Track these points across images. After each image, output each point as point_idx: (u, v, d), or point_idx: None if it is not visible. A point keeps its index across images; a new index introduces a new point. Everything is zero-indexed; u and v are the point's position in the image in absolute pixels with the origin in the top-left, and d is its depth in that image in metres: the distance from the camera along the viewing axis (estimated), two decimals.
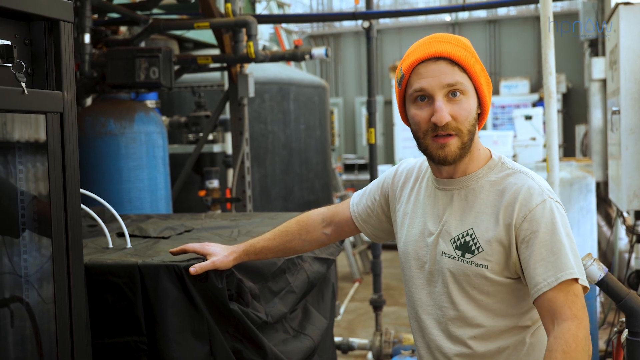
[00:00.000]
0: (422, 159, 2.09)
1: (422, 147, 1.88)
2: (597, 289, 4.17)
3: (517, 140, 10.18)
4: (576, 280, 1.76)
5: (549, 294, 1.75)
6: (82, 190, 2.04)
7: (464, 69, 1.82)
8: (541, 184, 1.86)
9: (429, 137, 1.84)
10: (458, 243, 1.87)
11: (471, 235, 1.85)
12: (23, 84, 1.65)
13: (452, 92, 1.81)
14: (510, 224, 1.81)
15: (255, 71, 6.21)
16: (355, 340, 6.01)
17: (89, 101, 5.79)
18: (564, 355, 1.69)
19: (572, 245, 1.80)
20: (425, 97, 1.83)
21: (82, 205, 2.21)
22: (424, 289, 1.97)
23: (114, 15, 5.44)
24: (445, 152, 1.83)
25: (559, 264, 1.75)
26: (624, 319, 2.62)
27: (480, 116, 1.90)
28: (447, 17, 16.81)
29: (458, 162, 1.88)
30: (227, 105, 6.08)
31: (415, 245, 1.98)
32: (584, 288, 1.80)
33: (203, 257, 2.17)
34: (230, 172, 6.34)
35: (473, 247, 1.85)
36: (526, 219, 1.79)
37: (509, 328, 1.88)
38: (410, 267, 2.00)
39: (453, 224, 1.90)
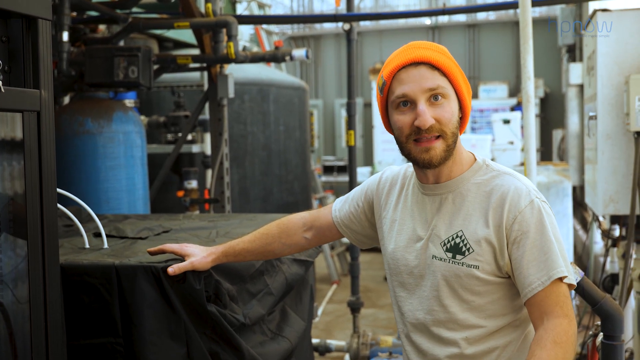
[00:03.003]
0: (405, 166, 2.10)
1: (405, 152, 1.89)
2: (573, 292, 4.20)
3: (495, 144, 10.26)
4: (564, 278, 1.79)
5: (541, 293, 1.78)
6: (58, 190, 2.02)
7: (444, 74, 1.84)
8: (527, 184, 1.88)
9: (412, 142, 1.85)
10: (448, 245, 1.89)
11: (461, 237, 1.87)
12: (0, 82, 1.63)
13: (434, 96, 1.83)
14: (501, 226, 1.83)
15: (235, 72, 6.19)
16: (332, 342, 6.01)
17: (66, 100, 5.74)
18: (554, 345, 1.72)
19: (560, 244, 1.83)
20: (408, 103, 1.84)
21: (59, 205, 2.19)
22: (413, 294, 1.98)
23: (93, 13, 5.39)
24: (430, 155, 1.84)
25: (550, 263, 1.78)
26: (599, 323, 2.65)
27: (462, 120, 1.92)
28: (427, 21, 16.90)
29: (442, 166, 1.90)
30: (207, 106, 6.06)
31: (405, 251, 1.99)
32: (570, 285, 1.83)
33: (181, 257, 2.16)
34: (209, 172, 6.31)
35: (464, 249, 1.86)
36: (516, 220, 1.81)
37: (499, 328, 1.89)
38: (400, 273, 2.01)
39: (442, 228, 1.91)
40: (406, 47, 1.89)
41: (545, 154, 14.03)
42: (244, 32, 9.11)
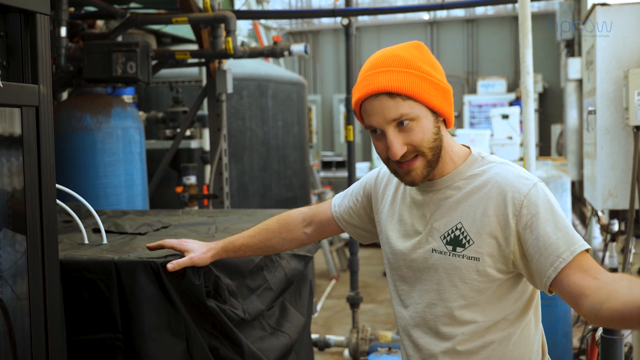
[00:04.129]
0: None
1: (391, 170, 1.90)
2: None
3: (493, 139, 10.26)
4: (587, 251, 1.73)
5: (568, 270, 1.70)
6: (57, 186, 2.01)
7: (407, 96, 1.79)
8: (524, 170, 1.87)
9: (393, 163, 1.86)
10: (448, 238, 1.88)
11: (460, 229, 1.86)
12: None
13: (400, 122, 1.80)
14: (505, 214, 1.80)
15: (233, 67, 6.19)
16: (332, 338, 6.02)
17: (65, 95, 5.73)
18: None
19: (569, 223, 1.79)
20: (378, 130, 1.83)
21: (58, 201, 2.19)
22: (413, 288, 1.97)
23: (91, 8, 5.38)
24: (412, 177, 1.84)
25: (569, 238, 1.73)
26: None
27: (446, 122, 1.90)
28: (425, 16, 16.88)
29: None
30: (205, 101, 6.05)
31: (404, 245, 1.98)
32: None
33: (180, 253, 2.15)
34: (208, 168, 6.31)
35: (464, 241, 1.85)
36: (523, 205, 1.78)
37: (496, 323, 1.88)
38: (399, 267, 2.00)
39: (441, 221, 1.90)
40: (366, 71, 1.84)
41: (543, 149, 14.02)
42: (242, 27, 9.10)
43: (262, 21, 11.01)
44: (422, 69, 1.81)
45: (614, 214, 4.83)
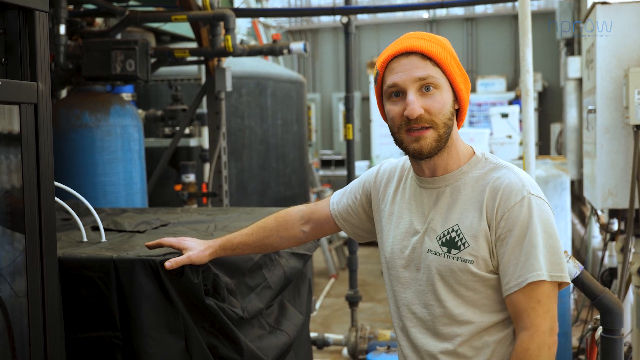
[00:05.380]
0: (404, 158, 2.09)
1: (398, 142, 1.89)
2: (571, 286, 4.20)
3: (493, 138, 10.26)
4: (542, 282, 1.77)
5: (514, 296, 1.79)
6: (56, 183, 2.01)
7: (437, 63, 1.83)
8: (524, 179, 1.85)
9: (404, 131, 1.84)
10: (444, 239, 1.87)
11: (457, 231, 1.85)
12: None
13: (425, 87, 1.81)
14: (492, 220, 1.82)
15: (232, 65, 6.18)
16: (330, 336, 6.02)
17: (64, 93, 5.72)
18: None
19: (551, 243, 1.79)
20: (400, 93, 1.84)
21: (57, 199, 2.18)
22: (409, 288, 1.97)
23: (90, 6, 5.37)
24: (420, 145, 1.83)
25: (528, 266, 1.77)
26: (598, 316, 2.65)
27: (459, 113, 1.91)
28: (424, 15, 16.87)
29: (437, 159, 1.89)
30: (204, 99, 6.04)
31: (401, 245, 1.98)
32: (563, 284, 1.81)
33: (179, 251, 2.15)
34: (207, 166, 6.31)
35: (459, 243, 1.85)
36: (503, 217, 1.80)
37: (494, 323, 1.88)
38: (395, 266, 2.00)
39: (438, 222, 1.90)
40: (401, 37, 1.89)
41: (543, 148, 14.01)
42: (242, 25, 9.09)
43: (262, 19, 11.00)
44: (452, 52, 1.88)
45: (613, 213, 4.82)
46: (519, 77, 3.67)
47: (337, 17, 5.81)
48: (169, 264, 2.06)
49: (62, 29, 4.67)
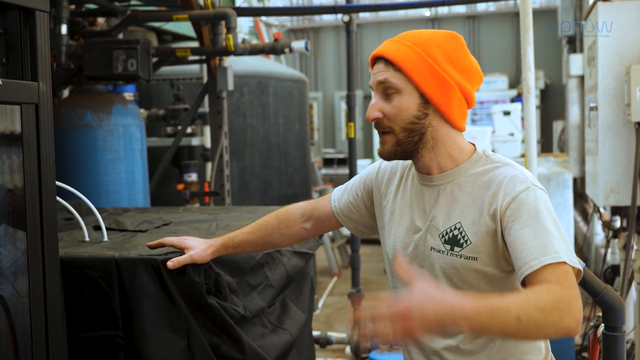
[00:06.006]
0: None
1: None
2: None
3: (495, 136, 10.24)
4: (563, 264, 1.67)
5: (532, 276, 1.66)
6: (58, 183, 2.01)
7: (398, 68, 1.84)
8: (525, 173, 1.85)
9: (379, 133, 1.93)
10: (447, 237, 1.87)
11: (459, 229, 1.85)
12: None
13: (385, 92, 1.86)
14: (496, 211, 1.79)
15: (234, 64, 6.18)
16: (333, 335, 6.02)
17: (66, 93, 5.73)
18: (547, 292, 1.59)
19: (560, 231, 1.75)
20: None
21: (58, 198, 2.18)
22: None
23: (92, 6, 5.38)
24: (382, 149, 1.91)
25: (542, 249, 1.68)
26: (600, 314, 2.65)
27: (444, 114, 1.87)
28: (426, 13, 16.87)
29: (422, 159, 1.90)
30: (206, 98, 6.05)
31: (404, 242, 1.98)
32: (577, 272, 1.73)
33: (181, 250, 2.15)
34: (209, 165, 6.31)
35: (462, 241, 1.84)
36: (510, 206, 1.77)
37: None
38: None
39: (440, 219, 1.89)
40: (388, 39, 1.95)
41: (545, 146, 14.01)
42: (243, 24, 9.10)
43: (263, 18, 11.00)
44: (431, 54, 1.84)
45: (615, 210, 4.82)
46: (521, 75, 3.67)
47: (339, 16, 5.80)
48: (171, 263, 2.06)
49: (64, 29, 4.68)
